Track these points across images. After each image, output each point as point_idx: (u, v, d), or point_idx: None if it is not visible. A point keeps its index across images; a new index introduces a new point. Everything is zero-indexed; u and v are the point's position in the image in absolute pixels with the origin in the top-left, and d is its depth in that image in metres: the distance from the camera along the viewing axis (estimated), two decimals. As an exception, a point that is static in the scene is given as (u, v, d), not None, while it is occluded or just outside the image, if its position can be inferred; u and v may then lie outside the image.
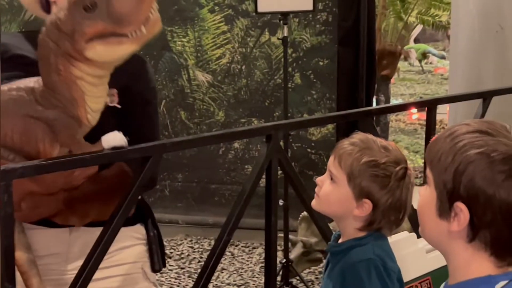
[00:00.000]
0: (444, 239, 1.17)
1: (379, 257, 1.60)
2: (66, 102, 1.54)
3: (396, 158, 1.62)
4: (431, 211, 1.17)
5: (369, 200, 1.59)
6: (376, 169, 1.59)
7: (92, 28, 1.44)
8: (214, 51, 4.91)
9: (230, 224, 1.89)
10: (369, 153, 1.60)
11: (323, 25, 4.71)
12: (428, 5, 6.96)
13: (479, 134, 1.15)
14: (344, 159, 1.61)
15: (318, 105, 4.77)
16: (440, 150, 1.17)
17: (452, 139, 1.16)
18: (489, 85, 4.03)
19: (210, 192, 5.01)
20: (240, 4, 4.82)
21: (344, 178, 1.60)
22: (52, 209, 1.68)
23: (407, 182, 1.62)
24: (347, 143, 1.64)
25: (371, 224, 1.62)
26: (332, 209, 1.67)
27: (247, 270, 4.26)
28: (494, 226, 1.10)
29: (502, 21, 4.21)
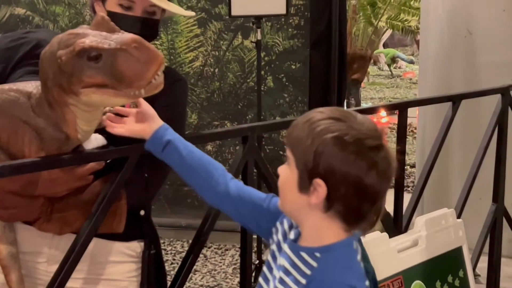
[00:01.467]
0: (303, 210, 1.34)
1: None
2: (58, 118, 1.54)
3: None
4: (292, 186, 1.34)
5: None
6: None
7: (91, 79, 1.42)
8: (187, 54, 4.93)
9: (207, 225, 1.91)
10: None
11: (295, 29, 4.76)
12: (397, 10, 7.07)
13: (333, 120, 1.31)
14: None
15: (291, 108, 4.82)
16: (300, 134, 1.33)
17: (309, 124, 1.32)
18: (458, 89, 4.12)
19: (182, 195, 5.02)
20: (213, 7, 4.84)
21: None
22: (28, 214, 1.65)
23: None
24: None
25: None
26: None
27: (220, 272, 4.28)
28: (346, 198, 1.29)
29: (470, 26, 4.30)
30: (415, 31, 7.49)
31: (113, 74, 1.40)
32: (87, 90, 1.44)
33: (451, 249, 2.37)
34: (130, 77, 1.39)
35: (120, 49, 1.39)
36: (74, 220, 1.66)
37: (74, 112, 1.52)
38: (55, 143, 1.54)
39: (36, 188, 1.59)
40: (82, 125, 1.56)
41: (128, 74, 1.39)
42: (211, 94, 4.93)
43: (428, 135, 4.63)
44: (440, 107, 3.19)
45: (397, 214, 2.46)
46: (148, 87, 1.42)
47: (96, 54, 1.41)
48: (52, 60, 1.47)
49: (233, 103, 4.91)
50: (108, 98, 1.45)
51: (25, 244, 1.73)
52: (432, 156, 2.60)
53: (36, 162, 1.51)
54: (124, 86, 1.41)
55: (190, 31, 4.90)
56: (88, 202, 1.66)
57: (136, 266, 1.84)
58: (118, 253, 1.81)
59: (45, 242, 1.76)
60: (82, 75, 1.43)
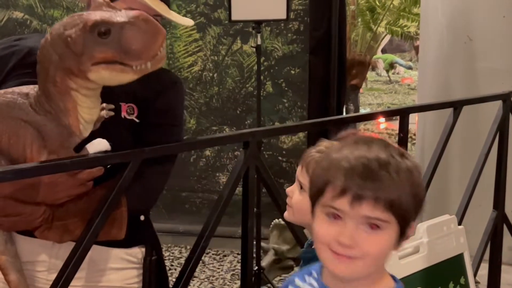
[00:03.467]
0: None
1: None
2: (58, 110, 1.54)
3: None
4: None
5: None
6: None
7: (102, 54, 1.45)
8: (186, 59, 4.92)
9: (208, 230, 1.89)
10: None
11: (295, 34, 4.75)
12: (397, 16, 7.08)
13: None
14: (312, 166, 1.60)
15: (290, 113, 4.80)
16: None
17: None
18: (457, 95, 4.11)
19: (180, 200, 5.00)
20: (212, 12, 4.84)
21: None
22: (30, 222, 1.63)
23: None
24: (314, 151, 1.63)
25: None
26: (305, 218, 1.67)
27: (218, 278, 4.26)
28: None
29: (470, 32, 4.29)
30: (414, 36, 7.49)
31: (122, 48, 1.43)
32: (97, 67, 1.47)
33: (452, 256, 2.36)
34: (139, 49, 1.43)
35: (128, 22, 1.43)
36: (75, 228, 1.65)
37: (75, 98, 1.53)
38: (57, 139, 1.54)
39: (37, 194, 1.58)
40: (83, 113, 1.56)
41: (137, 46, 1.43)
42: (210, 99, 4.92)
43: (427, 141, 4.62)
44: (440, 113, 3.18)
45: (398, 220, 2.44)
46: (154, 60, 1.46)
47: (105, 29, 1.43)
48: (59, 42, 1.48)
49: (232, 108, 4.90)
50: (117, 75, 1.48)
51: (24, 254, 1.72)
52: (433, 163, 2.59)
53: (39, 166, 1.49)
54: (133, 58, 1.44)
55: (189, 35, 4.89)
56: (89, 210, 1.64)
57: (138, 273, 1.83)
58: (119, 259, 1.80)
59: (45, 251, 1.75)
60: (93, 51, 1.45)
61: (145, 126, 1.76)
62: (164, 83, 1.82)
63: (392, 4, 6.93)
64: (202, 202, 4.97)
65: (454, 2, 4.42)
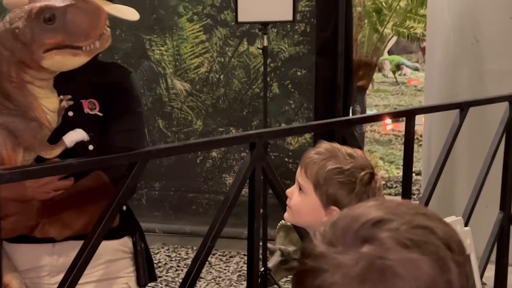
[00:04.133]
0: None
1: None
2: (22, 106, 1.56)
3: (361, 164, 1.61)
4: None
5: (336, 207, 1.58)
6: (341, 175, 1.58)
7: (52, 39, 1.48)
8: (192, 60, 4.93)
9: (214, 230, 1.89)
10: (334, 160, 1.60)
11: (301, 36, 4.76)
12: (403, 17, 7.06)
13: None
14: (310, 168, 1.62)
15: (296, 114, 4.81)
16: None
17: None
18: (464, 96, 4.10)
19: (187, 201, 5.01)
20: (218, 14, 4.84)
21: (311, 187, 1.61)
22: (28, 220, 1.66)
23: (374, 187, 1.61)
24: (313, 153, 1.65)
25: None
26: (304, 220, 1.67)
27: (225, 279, 4.26)
28: None
29: (477, 34, 4.29)
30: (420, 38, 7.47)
31: (69, 30, 1.47)
32: (50, 53, 1.50)
33: (459, 258, 2.35)
34: (86, 28, 1.48)
35: (70, 5, 1.47)
36: (72, 221, 1.70)
37: (32, 91, 1.56)
38: (28, 133, 1.56)
39: (25, 190, 1.61)
40: (45, 103, 1.58)
41: (83, 26, 1.47)
42: (216, 100, 4.93)
43: (434, 143, 4.62)
44: (446, 114, 3.18)
45: (404, 221, 2.44)
46: (101, 39, 1.50)
47: (50, 15, 1.47)
48: (7, 37, 1.51)
49: (238, 109, 4.91)
50: (70, 58, 1.51)
51: (25, 262, 1.75)
52: (440, 164, 2.58)
53: (47, 167, 1.51)
54: (81, 39, 1.48)
55: (195, 37, 4.90)
56: (82, 201, 1.69)
57: (131, 261, 1.90)
58: (114, 251, 1.85)
59: (45, 255, 1.77)
60: (43, 38, 1.48)
61: (111, 118, 1.80)
62: (119, 74, 1.88)
63: (398, 6, 6.92)
64: (209, 203, 4.98)
65: (461, 4, 4.41)
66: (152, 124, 5.00)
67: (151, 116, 4.99)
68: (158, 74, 4.95)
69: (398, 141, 8.76)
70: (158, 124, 5.00)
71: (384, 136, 9.29)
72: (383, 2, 7.02)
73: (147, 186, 5.00)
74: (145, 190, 5.00)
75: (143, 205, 5.02)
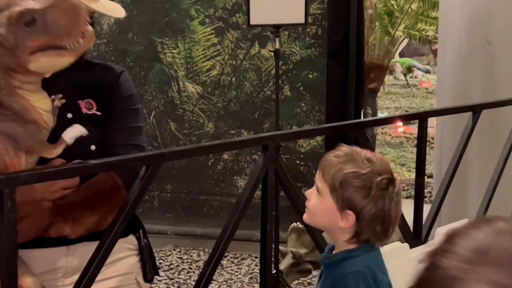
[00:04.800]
0: None
1: (369, 269, 1.60)
2: (17, 110, 1.56)
3: (380, 169, 1.61)
4: None
5: (351, 211, 1.59)
6: (357, 180, 1.58)
7: (36, 42, 1.49)
8: (204, 63, 4.94)
9: (227, 233, 1.90)
10: (351, 164, 1.60)
11: (313, 38, 4.76)
12: (415, 19, 7.05)
13: None
14: (327, 171, 1.62)
15: (308, 117, 4.81)
16: None
17: None
18: (476, 99, 4.09)
19: (199, 203, 5.02)
20: (230, 16, 4.86)
21: (327, 190, 1.61)
22: (41, 220, 1.68)
23: (391, 192, 1.60)
24: (332, 156, 1.65)
25: (358, 235, 1.61)
26: (320, 222, 1.68)
27: (236, 281, 4.27)
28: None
29: (489, 35, 4.27)
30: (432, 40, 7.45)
31: (51, 31, 1.48)
32: (35, 56, 1.50)
33: (472, 260, 2.35)
34: (67, 27, 1.48)
35: (49, 6, 1.47)
36: (84, 217, 1.72)
37: (23, 95, 1.57)
38: (27, 135, 1.56)
39: (35, 191, 1.63)
40: (39, 105, 1.59)
41: (64, 24, 1.48)
42: (228, 103, 4.94)
43: (446, 145, 4.60)
44: (458, 117, 3.17)
45: (417, 224, 2.44)
46: (84, 37, 1.50)
47: (30, 18, 1.48)
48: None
49: (249, 112, 4.92)
50: (56, 59, 1.52)
51: (41, 265, 1.76)
52: (452, 167, 2.58)
53: (64, 169, 1.53)
54: (64, 38, 1.48)
55: (207, 40, 4.92)
56: (93, 198, 1.71)
57: (137, 258, 1.92)
58: (121, 248, 1.87)
59: (60, 257, 1.79)
60: (26, 42, 1.49)
61: (109, 117, 1.82)
62: (111, 73, 1.88)
63: (410, 8, 6.91)
64: (220, 206, 4.99)
65: (473, 6, 4.40)
66: (164, 127, 5.02)
67: (162, 119, 5.01)
68: (170, 76, 4.97)
69: (409, 144, 8.74)
70: (170, 127, 5.01)
71: (395, 138, 9.28)
72: (394, 4, 7.01)
73: (159, 188, 5.01)
74: (157, 192, 5.02)
75: (155, 207, 5.04)
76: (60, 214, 1.70)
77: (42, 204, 1.66)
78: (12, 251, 1.43)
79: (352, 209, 1.59)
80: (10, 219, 1.41)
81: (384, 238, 1.65)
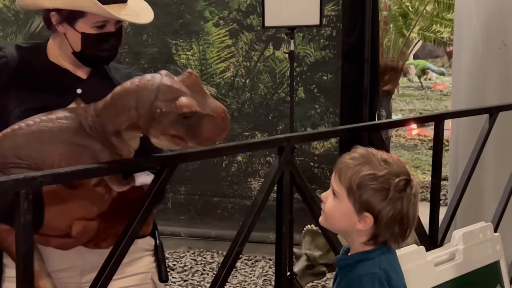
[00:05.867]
0: None
1: (384, 271, 1.59)
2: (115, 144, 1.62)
3: (397, 170, 1.59)
4: None
5: (369, 213, 1.57)
6: (374, 182, 1.56)
7: (177, 132, 1.55)
8: (218, 65, 4.95)
9: (242, 235, 1.90)
10: (368, 166, 1.58)
11: (327, 40, 4.75)
12: (430, 21, 7.02)
13: None
14: (344, 174, 1.60)
15: (322, 119, 4.80)
16: None
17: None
18: (492, 101, 4.06)
19: (212, 205, 5.02)
20: (244, 18, 4.85)
21: (344, 193, 1.59)
22: (91, 236, 1.73)
23: (409, 193, 1.58)
24: (348, 158, 1.63)
25: (376, 237, 1.60)
26: (337, 225, 1.66)
27: (250, 283, 4.26)
28: None
29: (506, 38, 4.24)
30: (447, 42, 7.41)
31: (193, 132, 1.55)
32: (164, 137, 1.56)
33: (489, 264, 2.33)
34: (206, 138, 1.56)
35: (210, 116, 1.54)
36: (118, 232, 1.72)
37: (124, 137, 1.62)
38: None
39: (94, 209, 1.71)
40: (132, 143, 1.64)
41: (206, 135, 1.55)
42: (242, 104, 4.94)
43: (461, 148, 4.57)
44: (474, 119, 3.15)
45: (433, 227, 2.43)
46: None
47: (190, 115, 1.53)
48: (145, 104, 1.54)
49: (263, 114, 4.91)
50: (172, 145, 1.59)
51: (59, 263, 1.77)
52: (469, 169, 2.56)
53: (79, 171, 1.53)
54: (195, 142, 1.56)
55: (221, 41, 4.92)
56: (131, 212, 1.70)
57: (152, 258, 1.94)
58: (139, 249, 1.89)
59: (79, 257, 1.80)
60: (170, 128, 1.54)
61: None
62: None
63: (425, 10, 6.88)
64: (234, 208, 4.98)
65: (489, 8, 4.37)
66: (178, 128, 5.01)
67: (177, 120, 5.01)
68: (184, 78, 4.96)
69: (424, 146, 8.70)
70: (184, 128, 5.01)
71: (409, 141, 9.24)
72: (409, 6, 6.98)
73: (173, 190, 5.02)
74: (171, 194, 5.02)
75: (169, 209, 5.04)
76: (104, 231, 1.74)
77: (94, 222, 1.72)
78: (28, 251, 1.43)
79: (370, 211, 1.57)
80: (27, 220, 1.41)
81: (402, 240, 1.63)
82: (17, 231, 1.42)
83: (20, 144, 1.60)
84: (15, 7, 5.07)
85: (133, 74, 1.92)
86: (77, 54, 1.81)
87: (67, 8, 1.74)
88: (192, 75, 1.59)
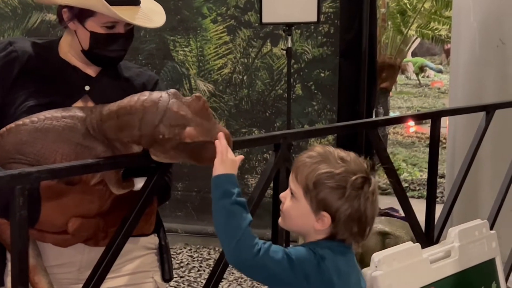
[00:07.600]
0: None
1: (323, 259, 1.53)
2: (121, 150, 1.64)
3: (354, 168, 1.56)
4: None
5: (327, 212, 1.53)
6: (331, 180, 1.53)
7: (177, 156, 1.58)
8: (216, 61, 4.94)
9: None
10: (325, 164, 1.55)
11: (325, 37, 4.75)
12: (428, 19, 7.03)
13: None
14: (300, 172, 1.56)
15: (319, 116, 4.80)
16: None
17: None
18: (489, 99, 4.07)
19: (209, 202, 4.92)
20: (242, 15, 4.85)
21: (301, 192, 1.55)
22: (89, 234, 1.73)
23: (366, 191, 1.55)
24: (305, 156, 1.59)
25: (334, 237, 1.56)
26: (295, 225, 1.61)
27: (246, 280, 4.27)
28: None
29: (503, 36, 4.25)
30: (445, 40, 7.43)
31: (195, 155, 1.58)
32: (164, 156, 1.59)
33: (484, 261, 2.33)
34: (205, 160, 1.59)
35: (211, 142, 1.56)
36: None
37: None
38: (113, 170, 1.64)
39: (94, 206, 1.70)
40: (136, 148, 1.66)
41: (206, 158, 1.58)
42: (239, 101, 4.94)
43: (458, 145, 4.58)
44: (471, 117, 3.16)
45: (429, 224, 2.43)
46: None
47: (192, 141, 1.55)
48: (148, 128, 1.56)
49: (261, 110, 4.91)
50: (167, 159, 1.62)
51: (57, 258, 1.77)
52: (465, 167, 2.57)
53: (74, 166, 1.52)
54: (196, 163, 1.61)
55: (219, 38, 4.92)
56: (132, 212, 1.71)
57: (156, 257, 1.94)
58: (141, 247, 1.89)
59: (77, 253, 1.79)
60: (171, 150, 1.57)
61: None
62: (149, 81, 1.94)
63: (423, 7, 6.89)
64: (231, 204, 4.98)
65: (487, 5, 4.38)
66: (175, 125, 5.01)
67: (174, 117, 5.00)
68: (181, 74, 4.97)
69: (421, 144, 8.70)
70: (181, 125, 5.01)
71: (407, 138, 9.25)
72: (407, 3, 6.98)
73: (170, 187, 5.01)
74: (168, 190, 5.01)
75: (166, 205, 4.97)
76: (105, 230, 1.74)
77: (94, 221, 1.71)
78: (23, 246, 1.43)
79: (327, 210, 1.53)
80: (22, 216, 1.41)
81: (361, 239, 1.58)
82: (12, 226, 1.42)
83: (23, 140, 1.60)
84: (12, 2, 5.06)
85: (144, 74, 1.92)
86: (85, 52, 1.81)
87: (77, 6, 1.75)
88: (200, 99, 1.58)
